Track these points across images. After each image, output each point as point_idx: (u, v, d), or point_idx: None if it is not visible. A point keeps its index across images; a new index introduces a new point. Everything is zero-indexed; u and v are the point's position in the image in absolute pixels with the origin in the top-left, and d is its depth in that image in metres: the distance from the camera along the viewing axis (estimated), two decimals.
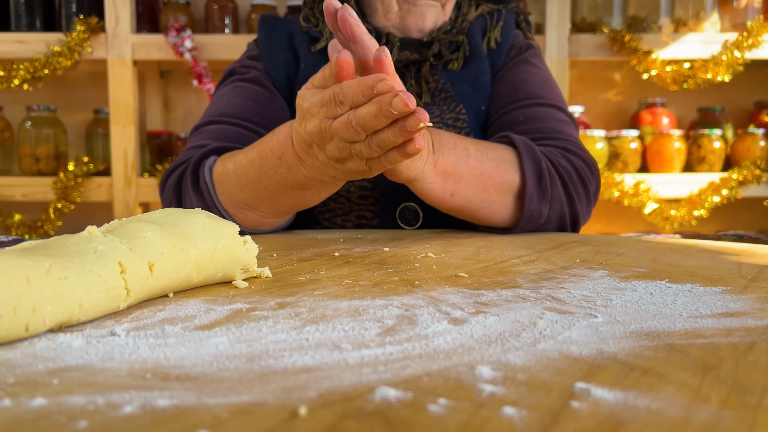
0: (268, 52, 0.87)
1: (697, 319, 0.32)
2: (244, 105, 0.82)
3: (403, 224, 0.80)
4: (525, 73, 0.86)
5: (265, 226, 0.72)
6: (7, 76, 1.58)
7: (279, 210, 0.68)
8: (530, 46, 0.90)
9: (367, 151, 0.52)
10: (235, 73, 0.87)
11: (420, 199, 0.79)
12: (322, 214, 0.81)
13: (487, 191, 0.68)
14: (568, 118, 0.84)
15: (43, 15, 1.65)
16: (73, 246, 0.33)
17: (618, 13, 1.67)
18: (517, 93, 0.84)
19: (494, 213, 0.70)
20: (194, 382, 0.23)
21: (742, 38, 1.59)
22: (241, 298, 0.37)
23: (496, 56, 0.88)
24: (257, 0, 1.72)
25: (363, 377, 0.24)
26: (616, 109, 1.93)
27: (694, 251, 0.56)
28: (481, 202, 0.69)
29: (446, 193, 0.66)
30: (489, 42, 0.88)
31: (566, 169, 0.74)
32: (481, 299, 0.36)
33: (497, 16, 0.90)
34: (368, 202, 0.80)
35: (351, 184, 0.80)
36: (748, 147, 1.70)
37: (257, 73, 0.86)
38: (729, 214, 1.86)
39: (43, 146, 1.68)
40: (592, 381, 0.23)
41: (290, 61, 0.86)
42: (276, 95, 0.85)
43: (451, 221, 0.81)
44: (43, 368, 0.25)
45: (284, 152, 0.61)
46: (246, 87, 0.84)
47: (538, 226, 0.73)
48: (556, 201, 0.72)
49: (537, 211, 0.70)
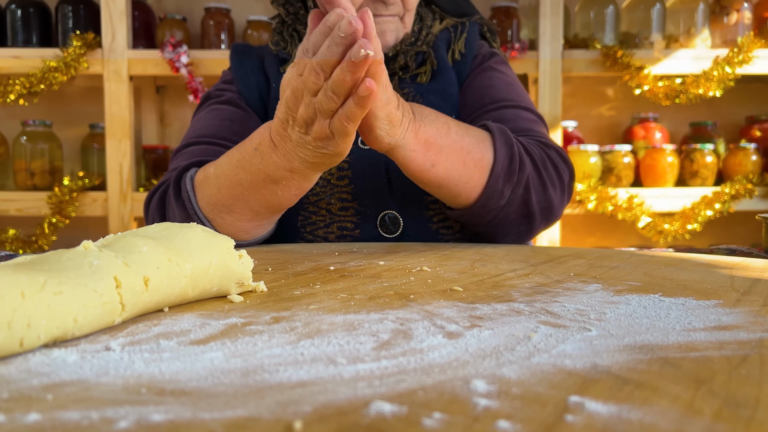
0: (241, 75, 0.90)
1: (691, 332, 0.32)
2: (221, 125, 0.84)
3: (384, 232, 0.81)
4: (490, 78, 0.88)
5: (243, 233, 0.72)
6: (3, 91, 1.58)
7: (253, 209, 0.69)
8: (494, 53, 0.92)
9: (326, 101, 0.54)
10: (211, 97, 0.91)
11: (399, 207, 0.80)
12: (305, 227, 0.82)
13: (467, 166, 0.69)
14: (536, 117, 0.85)
15: (39, 31, 1.65)
16: (68, 261, 0.33)
17: (610, 30, 1.69)
18: (483, 98, 0.86)
19: (471, 190, 0.71)
20: (189, 396, 0.23)
21: (733, 54, 1.61)
22: (236, 313, 0.37)
23: (461, 67, 0.90)
24: (253, 16, 1.73)
25: (358, 391, 0.24)
26: (609, 123, 1.95)
27: (687, 265, 0.57)
28: (460, 176, 0.69)
29: (427, 162, 0.67)
30: (453, 54, 0.90)
31: (540, 158, 0.76)
32: (475, 313, 0.37)
33: (461, 28, 0.92)
34: (349, 213, 0.81)
35: (332, 196, 0.81)
36: (740, 161, 1.71)
37: (232, 95, 0.89)
38: (722, 228, 1.87)
39: (38, 161, 1.68)
40: (586, 394, 0.23)
41: (262, 82, 0.90)
42: (251, 114, 0.87)
43: (430, 227, 0.81)
44: (37, 384, 0.25)
45: (261, 142, 0.64)
46: (222, 108, 0.87)
47: (499, 208, 0.73)
48: (520, 186, 0.73)
49: (499, 191, 0.71)
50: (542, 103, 1.65)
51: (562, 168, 0.78)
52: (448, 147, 0.68)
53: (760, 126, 1.82)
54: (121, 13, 1.59)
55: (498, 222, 0.75)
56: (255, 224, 0.72)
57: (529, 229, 0.79)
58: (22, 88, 1.58)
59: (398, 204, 0.81)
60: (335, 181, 0.81)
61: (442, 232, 0.82)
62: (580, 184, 1.65)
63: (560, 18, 1.64)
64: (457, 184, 0.70)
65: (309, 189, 0.68)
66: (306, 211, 0.82)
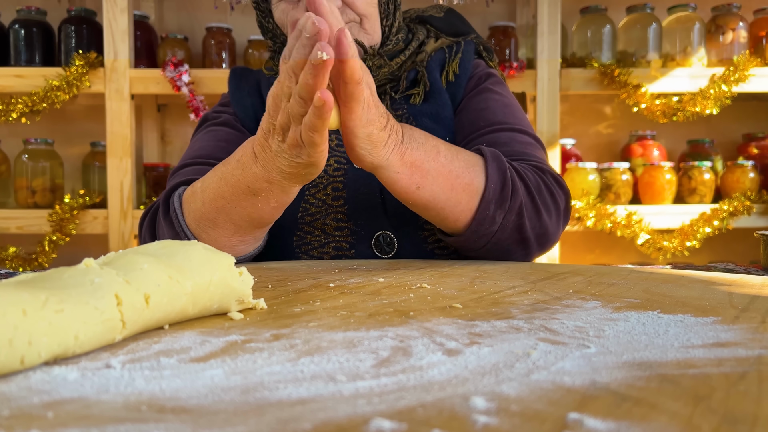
0: (237, 97, 0.92)
1: (689, 349, 0.33)
2: (217, 146, 0.86)
3: (379, 253, 0.81)
4: (486, 101, 0.87)
5: (227, 249, 0.72)
6: (5, 110, 1.59)
7: (235, 222, 0.69)
8: (490, 74, 0.92)
9: (296, 105, 0.56)
10: (208, 119, 0.93)
11: (394, 228, 0.80)
12: (300, 247, 0.82)
13: (454, 190, 0.69)
14: (532, 139, 0.84)
15: (42, 50, 1.67)
16: (69, 278, 0.33)
17: (607, 48, 1.71)
18: (479, 121, 0.85)
19: (460, 214, 0.70)
20: (190, 414, 0.23)
21: (729, 72, 1.62)
22: (236, 330, 0.37)
23: (456, 88, 0.89)
24: (254, 36, 1.75)
25: (358, 409, 0.24)
26: (607, 141, 1.96)
27: (685, 282, 0.57)
28: (447, 200, 0.69)
29: (412, 185, 0.67)
30: (447, 75, 0.90)
31: (535, 183, 0.75)
32: (475, 330, 0.37)
33: (456, 48, 0.91)
34: (344, 234, 0.81)
35: (327, 216, 0.81)
36: (738, 178, 1.72)
37: (228, 116, 0.91)
38: (721, 244, 1.87)
39: (40, 179, 1.68)
40: (585, 411, 0.23)
41: (257, 104, 0.91)
42: (246, 135, 0.88)
43: (425, 248, 0.81)
44: (38, 401, 0.25)
45: (243, 154, 0.65)
46: (218, 130, 0.89)
47: (491, 234, 0.72)
48: (512, 212, 0.72)
49: (490, 216, 0.70)
50: (540, 121, 1.66)
51: (558, 193, 0.77)
52: (435, 170, 0.67)
53: (758, 143, 1.83)
54: (123, 33, 1.61)
55: (492, 248, 0.74)
56: (238, 239, 0.71)
57: (525, 255, 0.78)
58: (25, 107, 1.59)
59: (393, 224, 0.81)
60: (330, 202, 0.81)
61: (437, 253, 0.82)
62: (579, 202, 1.65)
63: (558, 37, 1.66)
64: (444, 207, 0.69)
65: (288, 203, 0.68)
66: (301, 231, 0.82)
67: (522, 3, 1.87)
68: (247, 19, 1.88)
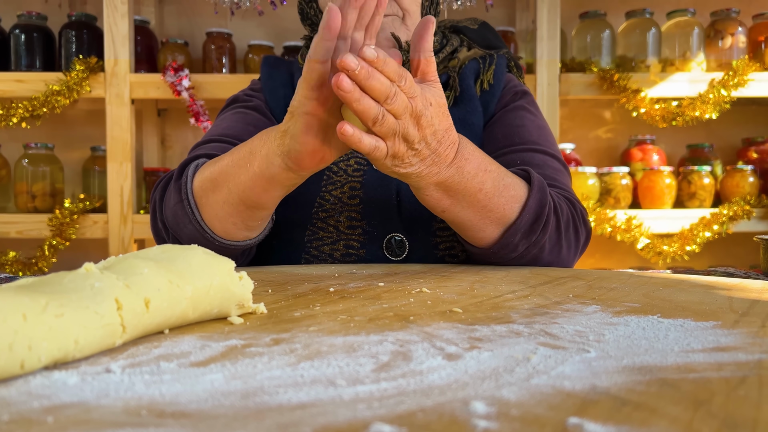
0: (270, 86, 0.92)
1: (689, 353, 0.33)
2: (245, 129, 0.85)
3: (390, 255, 0.81)
4: (522, 118, 0.88)
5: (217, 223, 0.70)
6: (6, 115, 1.59)
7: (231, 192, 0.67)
8: (525, 92, 0.93)
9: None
10: (238, 100, 0.92)
11: (407, 231, 0.81)
12: (311, 243, 0.82)
13: (483, 220, 0.68)
14: (562, 167, 0.85)
15: (43, 55, 1.67)
16: (70, 283, 0.33)
17: (606, 53, 1.72)
18: (513, 137, 0.85)
19: (481, 239, 0.70)
20: (190, 418, 0.23)
21: (728, 77, 1.63)
22: (236, 335, 0.37)
23: (489, 97, 0.90)
24: (254, 41, 1.76)
25: (358, 413, 0.24)
26: (607, 146, 1.96)
27: (685, 286, 0.57)
28: (473, 226, 0.69)
29: (438, 207, 0.66)
30: (482, 84, 0.91)
31: (566, 220, 0.74)
32: (475, 334, 0.37)
33: (489, 60, 0.93)
34: (356, 233, 0.81)
35: (341, 214, 0.81)
36: (738, 183, 1.72)
37: (259, 102, 0.91)
38: (721, 249, 1.87)
39: (40, 183, 1.68)
40: (585, 415, 0.23)
41: (289, 96, 0.90)
42: (274, 124, 0.88)
43: (436, 254, 0.81)
44: (38, 406, 0.25)
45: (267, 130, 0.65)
46: (248, 114, 0.88)
47: (509, 259, 0.72)
48: (536, 246, 0.71)
49: (513, 245, 0.70)
50: None
51: (581, 231, 0.78)
52: (467, 201, 0.65)
53: (757, 148, 1.83)
54: (124, 38, 1.61)
55: (505, 264, 0.75)
56: (232, 220, 0.69)
57: None
58: (25, 112, 1.59)
59: (406, 228, 0.81)
60: (346, 200, 0.81)
61: (448, 260, 0.82)
62: None
63: (557, 42, 1.66)
64: (467, 228, 0.69)
65: (280, 196, 0.67)
66: (314, 226, 0.82)
67: (521, 8, 1.87)
68: (247, 24, 1.89)
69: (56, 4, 1.85)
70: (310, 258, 0.83)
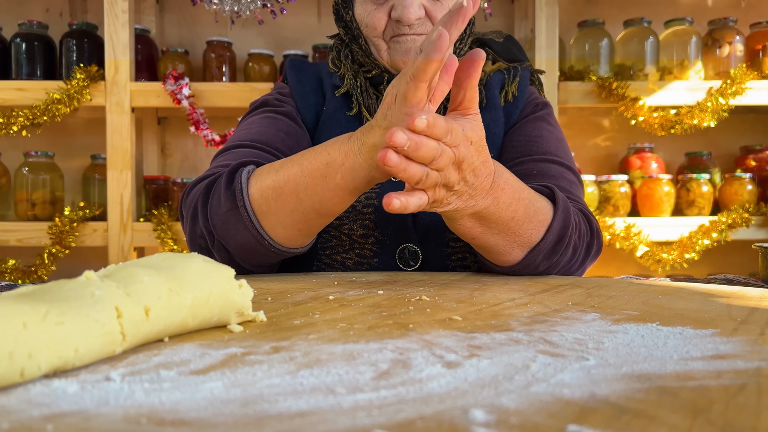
0: (300, 92, 0.90)
1: (688, 361, 0.33)
2: (277, 135, 0.83)
3: (402, 265, 0.81)
4: (541, 129, 0.89)
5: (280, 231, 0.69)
6: (6, 123, 1.60)
7: (312, 202, 0.65)
8: (546, 104, 0.94)
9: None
10: (268, 104, 0.89)
11: (420, 242, 0.81)
12: (324, 250, 0.82)
13: (510, 245, 0.68)
14: (576, 179, 0.86)
15: (43, 64, 1.68)
16: (70, 291, 0.33)
17: (605, 62, 1.73)
18: (531, 147, 0.86)
19: (506, 261, 0.71)
20: (189, 426, 0.23)
21: (726, 85, 1.64)
22: (236, 342, 0.37)
23: (512, 108, 0.91)
24: (254, 50, 1.77)
25: (357, 421, 0.24)
26: (606, 154, 1.97)
27: (684, 294, 0.57)
28: (500, 250, 0.69)
29: (468, 234, 0.66)
30: (507, 95, 0.92)
31: (583, 237, 0.75)
32: (474, 342, 0.37)
33: (513, 72, 0.94)
34: (369, 241, 0.81)
35: (354, 222, 0.81)
36: (736, 191, 1.73)
37: (290, 108, 0.88)
38: (720, 256, 1.87)
39: (40, 191, 1.69)
40: (584, 423, 0.23)
41: (320, 103, 0.89)
42: (306, 133, 0.87)
43: (448, 264, 0.82)
44: (37, 414, 0.25)
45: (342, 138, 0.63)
46: (279, 119, 0.86)
47: (526, 273, 0.74)
48: (555, 266, 0.73)
49: (535, 264, 0.71)
50: None
51: (594, 245, 0.78)
52: (498, 229, 0.65)
53: (755, 156, 1.84)
54: (124, 47, 1.62)
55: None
56: (298, 227, 0.68)
57: None
58: (26, 120, 1.60)
59: (419, 239, 0.81)
60: (361, 208, 0.81)
61: (459, 271, 0.83)
62: None
63: (555, 50, 1.67)
64: (492, 251, 0.70)
65: (351, 200, 0.65)
66: (327, 234, 0.82)
67: (520, 16, 1.88)
68: (247, 32, 1.90)
69: (57, 13, 1.86)
70: (322, 266, 0.83)
